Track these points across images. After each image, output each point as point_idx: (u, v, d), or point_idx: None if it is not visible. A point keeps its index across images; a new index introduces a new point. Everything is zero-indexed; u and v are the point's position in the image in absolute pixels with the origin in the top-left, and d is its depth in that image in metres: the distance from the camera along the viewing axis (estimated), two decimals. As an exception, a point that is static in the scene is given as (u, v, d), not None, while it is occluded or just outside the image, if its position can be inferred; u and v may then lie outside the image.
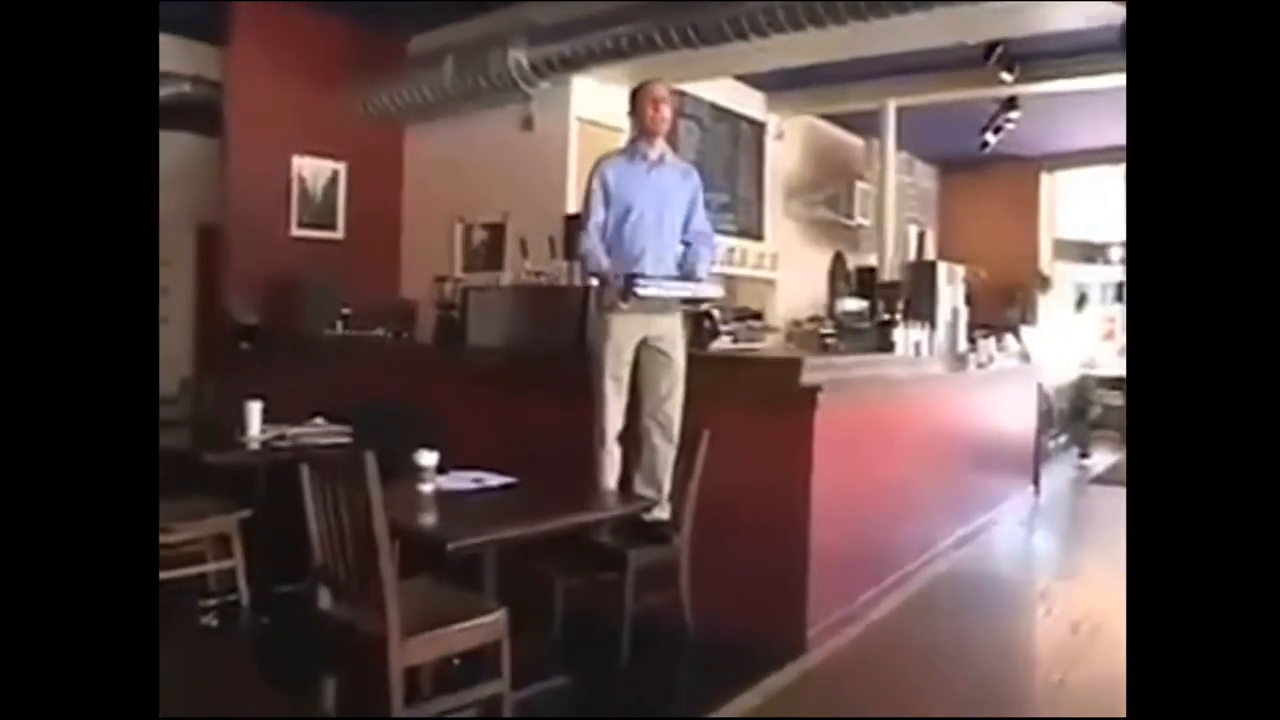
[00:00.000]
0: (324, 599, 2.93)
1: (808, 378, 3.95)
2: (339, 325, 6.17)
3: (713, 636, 3.80)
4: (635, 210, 3.99)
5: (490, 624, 2.85)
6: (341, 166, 7.24)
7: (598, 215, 4.00)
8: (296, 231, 7.01)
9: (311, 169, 7.09)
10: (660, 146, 4.10)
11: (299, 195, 7.03)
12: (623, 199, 3.99)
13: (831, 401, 3.90)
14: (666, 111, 4.06)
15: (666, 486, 3.93)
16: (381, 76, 7.01)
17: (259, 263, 6.55)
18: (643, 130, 4.06)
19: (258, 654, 3.99)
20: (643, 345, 3.95)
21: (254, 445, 4.31)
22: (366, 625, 2.70)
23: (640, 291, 3.80)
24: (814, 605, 3.91)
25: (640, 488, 3.92)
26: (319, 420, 4.62)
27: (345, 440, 4.36)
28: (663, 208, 4.05)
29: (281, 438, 4.34)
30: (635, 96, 4.07)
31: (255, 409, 4.42)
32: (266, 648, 4.01)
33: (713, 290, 4.29)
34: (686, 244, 4.15)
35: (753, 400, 4.01)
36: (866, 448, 4.41)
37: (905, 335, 5.29)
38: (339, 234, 7.25)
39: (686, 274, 4.08)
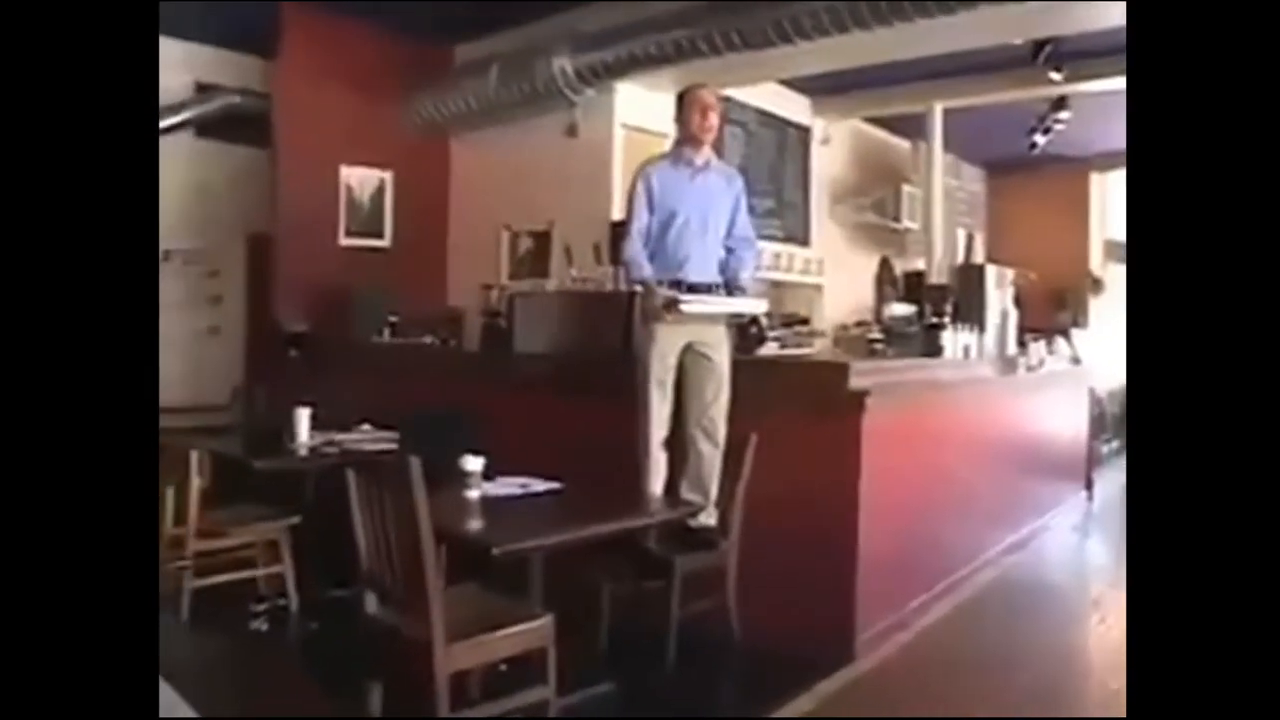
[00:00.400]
0: (371, 604, 2.96)
1: (855, 382, 3.91)
2: (386, 332, 6.23)
3: (760, 643, 3.77)
4: (680, 216, 3.97)
5: (536, 630, 2.85)
6: (388, 176, 7.33)
7: (641, 219, 3.98)
8: (345, 240, 7.11)
9: (359, 178, 7.19)
10: (706, 153, 4.07)
11: (347, 204, 7.13)
12: (666, 204, 3.98)
13: (879, 406, 3.86)
14: (714, 119, 4.03)
15: (713, 492, 3.91)
16: (427, 86, 7.09)
17: (308, 271, 6.67)
18: (688, 137, 4.03)
19: (306, 658, 4.03)
20: (688, 350, 3.94)
21: (303, 452, 4.37)
22: (412, 630, 2.72)
23: (685, 309, 3.81)
24: (862, 612, 3.86)
25: (687, 493, 3.90)
26: (366, 426, 4.67)
27: (392, 446, 4.39)
28: (707, 213, 4.03)
29: (330, 444, 4.40)
30: (681, 103, 4.05)
31: (304, 416, 4.49)
32: (315, 652, 4.05)
33: (756, 305, 4.29)
34: (730, 249, 4.14)
35: (800, 405, 3.97)
36: (915, 452, 4.35)
37: (954, 339, 5.23)
38: (386, 242, 7.34)
39: (729, 279, 4.06)
